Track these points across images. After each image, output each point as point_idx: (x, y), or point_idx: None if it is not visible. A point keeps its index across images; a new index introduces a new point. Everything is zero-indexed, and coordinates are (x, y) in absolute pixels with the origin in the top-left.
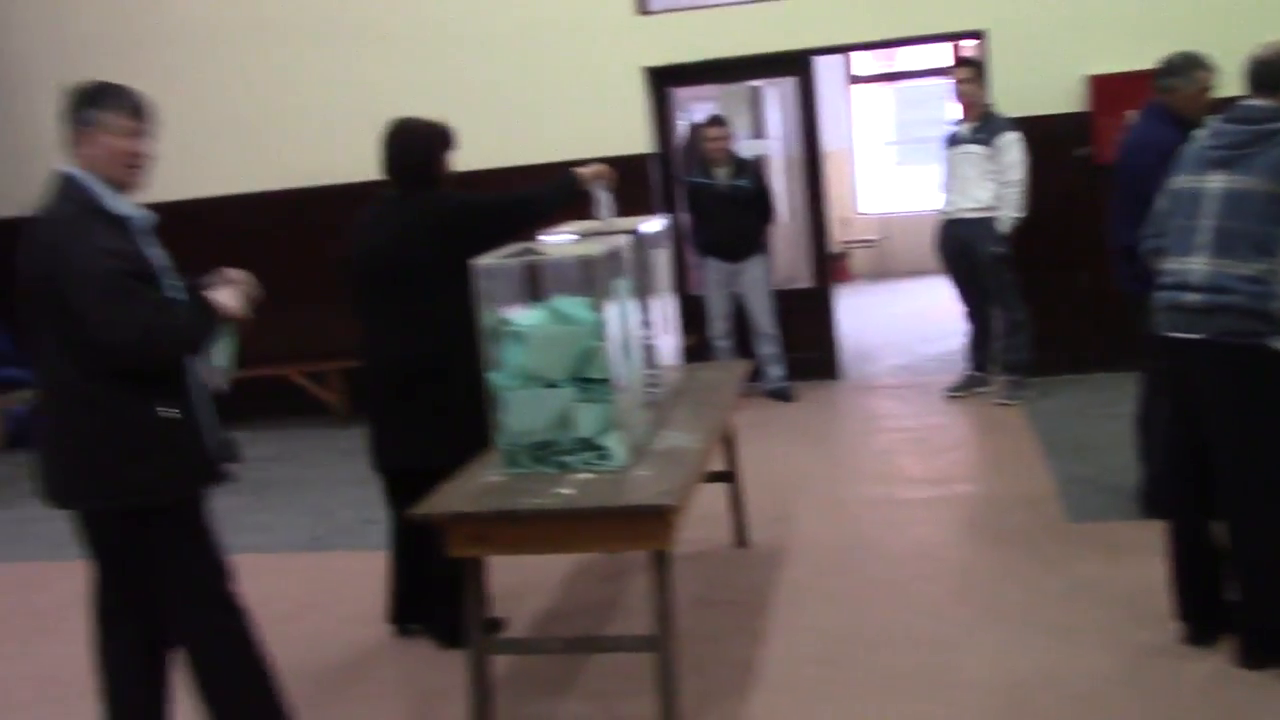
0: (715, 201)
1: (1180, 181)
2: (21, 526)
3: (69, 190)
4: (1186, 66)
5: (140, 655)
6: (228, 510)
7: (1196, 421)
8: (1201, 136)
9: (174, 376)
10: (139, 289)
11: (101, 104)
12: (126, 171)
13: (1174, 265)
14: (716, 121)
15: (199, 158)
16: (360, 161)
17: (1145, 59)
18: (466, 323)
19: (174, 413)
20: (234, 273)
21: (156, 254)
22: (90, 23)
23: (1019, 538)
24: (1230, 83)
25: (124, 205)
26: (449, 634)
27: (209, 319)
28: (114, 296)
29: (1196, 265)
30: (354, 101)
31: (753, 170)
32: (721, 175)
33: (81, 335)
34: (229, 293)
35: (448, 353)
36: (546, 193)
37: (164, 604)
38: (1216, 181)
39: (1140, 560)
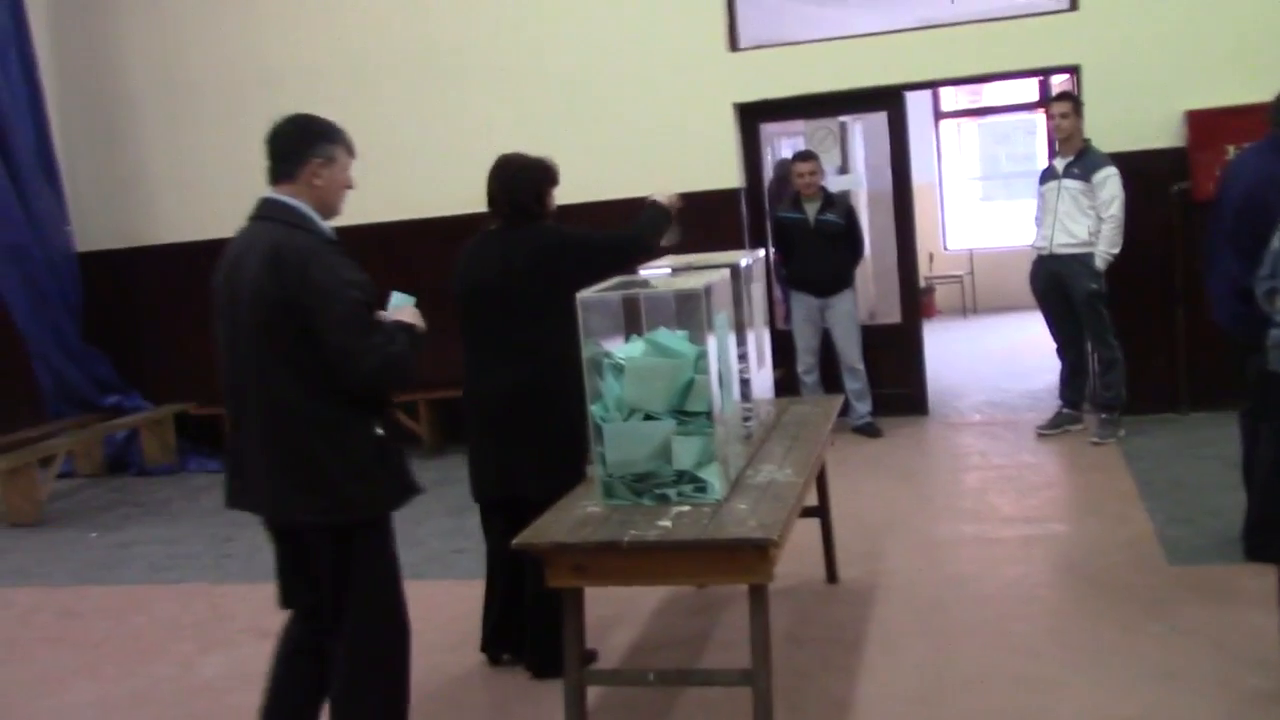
0: (805, 236)
1: None
2: (124, 550)
3: (292, 218)
4: None
5: (311, 694)
6: None
7: None
8: None
9: (381, 397)
10: (374, 320)
11: (335, 139)
12: (341, 201)
13: None
14: (808, 156)
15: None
16: (456, 196)
17: (1243, 94)
18: (568, 354)
19: (383, 432)
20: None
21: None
22: (195, 69)
23: (1116, 579)
24: None
25: (331, 231)
26: (542, 664)
27: (417, 344)
28: (359, 328)
29: None
30: (454, 137)
31: (842, 205)
32: (811, 210)
33: (315, 358)
34: (411, 313)
35: (549, 383)
36: (644, 228)
37: (346, 617)
38: None
39: (1243, 605)
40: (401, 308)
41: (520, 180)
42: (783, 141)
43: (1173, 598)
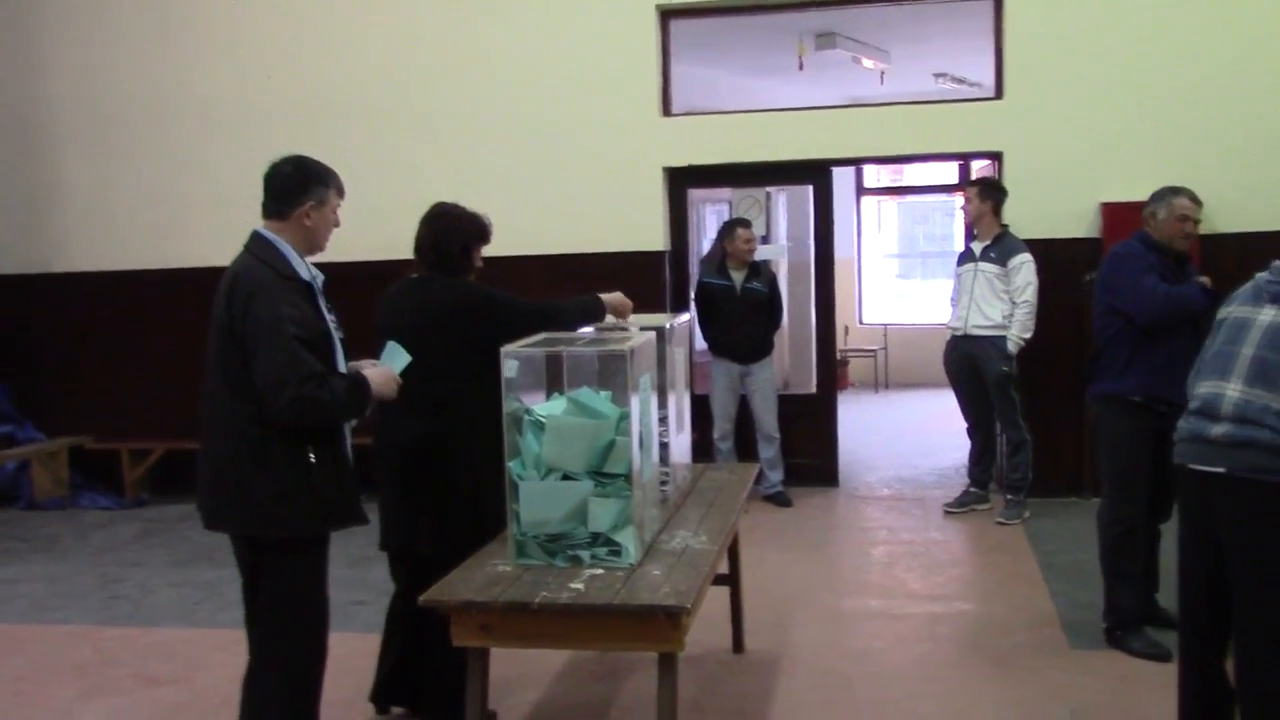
0: (730, 303)
1: (1232, 311)
2: (6, 586)
3: (266, 254)
4: (1165, 193)
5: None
6: (220, 583)
7: (1214, 554)
8: (1262, 275)
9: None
10: (304, 359)
11: (328, 182)
12: (327, 238)
13: (1205, 389)
14: (744, 224)
15: (222, 227)
16: (381, 241)
17: (1156, 188)
18: (477, 413)
19: (322, 457)
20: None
21: (330, 316)
22: (119, 95)
23: (1020, 661)
24: (1227, 218)
25: (309, 270)
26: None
27: (360, 400)
28: (283, 362)
29: (1230, 391)
30: (384, 182)
31: (766, 274)
32: (739, 278)
33: (251, 383)
34: (384, 376)
35: (453, 440)
36: (572, 312)
37: (262, 629)
38: (1267, 314)
39: (1144, 692)
40: (382, 367)
41: (450, 232)
42: (708, 208)
43: (1074, 682)
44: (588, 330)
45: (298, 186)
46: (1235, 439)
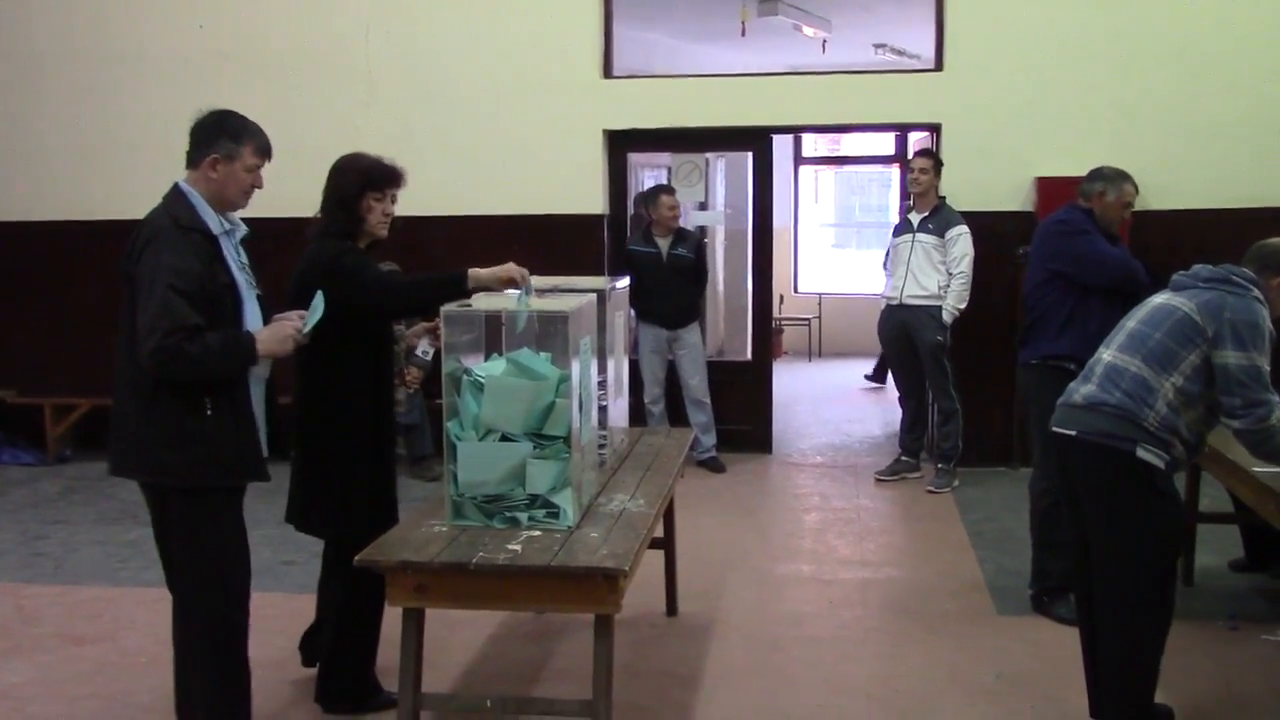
0: (656, 269)
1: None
2: None
3: (173, 203)
4: (1115, 177)
5: None
6: (145, 541)
7: (1083, 518)
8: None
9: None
10: (176, 310)
11: (241, 139)
12: (242, 198)
13: (1093, 359)
14: (669, 190)
15: (148, 178)
16: (306, 198)
17: (1090, 164)
18: (343, 385)
19: (219, 409)
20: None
21: (240, 271)
22: (39, 41)
23: (947, 627)
24: (1158, 196)
25: (220, 223)
26: (330, 696)
27: (238, 356)
28: (157, 312)
29: (1105, 357)
30: (318, 138)
31: (692, 240)
32: (664, 244)
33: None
34: (276, 334)
35: (312, 412)
36: (425, 287)
37: (178, 579)
38: (1161, 298)
39: (1068, 656)
40: (277, 324)
41: (331, 187)
42: (647, 173)
43: (1001, 646)
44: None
45: (207, 138)
46: (1093, 401)
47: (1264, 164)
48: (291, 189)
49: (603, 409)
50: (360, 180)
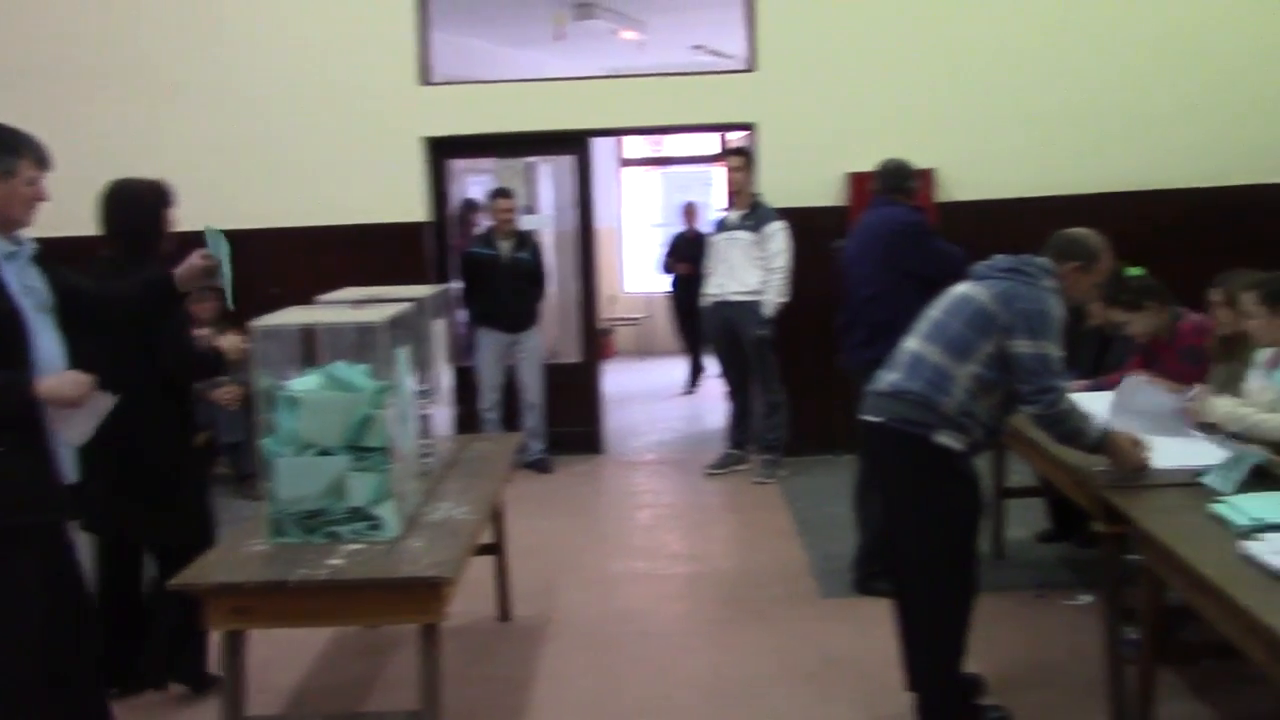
0: (497, 273)
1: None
2: None
3: None
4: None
5: None
6: None
7: (889, 500)
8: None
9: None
10: None
11: (16, 151)
12: (25, 213)
13: (897, 348)
14: (507, 194)
15: None
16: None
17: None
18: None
19: (11, 444)
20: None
21: (26, 295)
22: None
23: (774, 613)
24: (963, 187)
25: (3, 246)
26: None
27: (6, 401)
28: None
29: (909, 345)
30: (122, 155)
31: (532, 243)
32: (505, 247)
33: None
34: (63, 381)
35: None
36: (134, 295)
37: None
38: (963, 287)
39: (889, 634)
40: (64, 376)
41: (135, 206)
42: (469, 179)
43: (826, 629)
44: (351, 301)
45: None
46: (896, 389)
47: (1067, 154)
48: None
49: (425, 418)
50: (161, 200)
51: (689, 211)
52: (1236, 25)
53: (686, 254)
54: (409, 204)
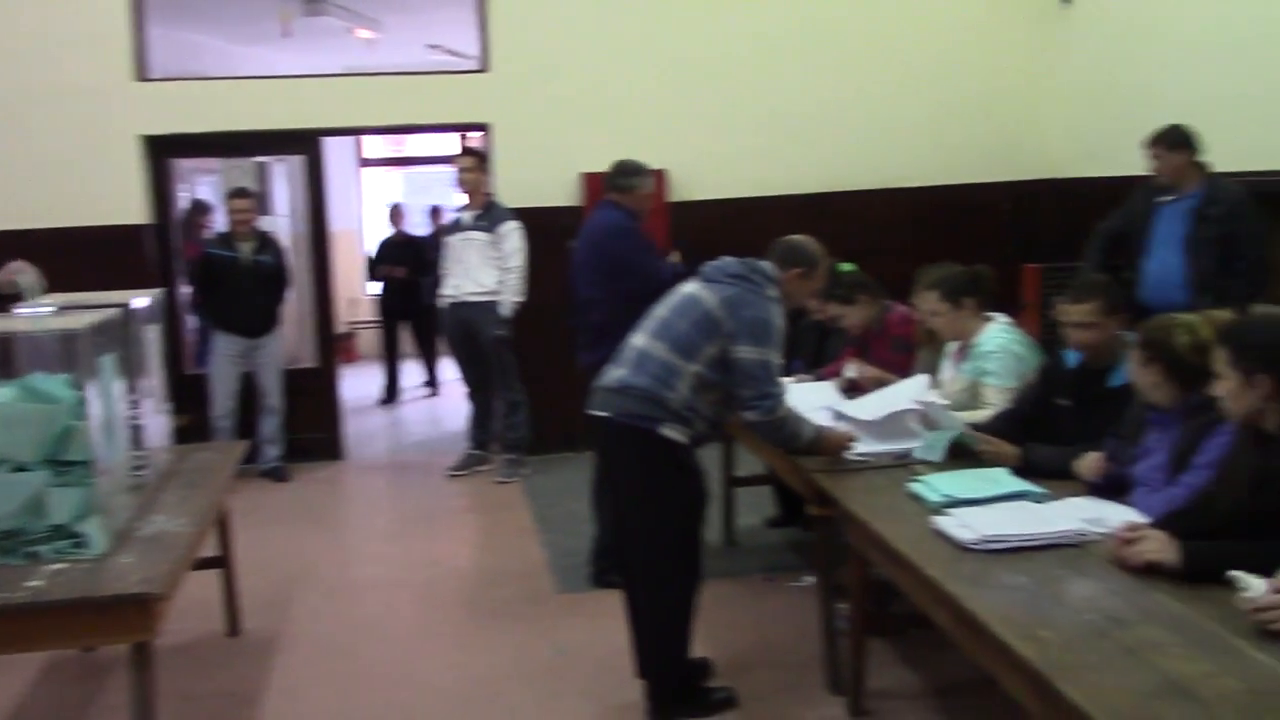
0: (236, 275)
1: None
2: None
3: None
4: (644, 170)
5: None
6: None
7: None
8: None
9: None
10: None
11: None
12: None
13: (624, 345)
14: (243, 193)
15: None
16: None
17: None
18: None
19: None
20: None
21: None
22: None
23: (511, 610)
24: (691, 187)
25: None
26: None
27: None
28: None
29: (636, 342)
30: None
31: (274, 245)
32: (246, 249)
33: None
34: None
35: None
36: None
37: None
38: (690, 288)
39: (618, 626)
40: None
41: None
42: (198, 179)
43: (561, 623)
44: (48, 308)
45: None
46: (623, 384)
47: (793, 155)
48: None
49: (137, 428)
50: None
51: (395, 214)
52: (947, 34)
53: (395, 258)
54: (127, 205)
